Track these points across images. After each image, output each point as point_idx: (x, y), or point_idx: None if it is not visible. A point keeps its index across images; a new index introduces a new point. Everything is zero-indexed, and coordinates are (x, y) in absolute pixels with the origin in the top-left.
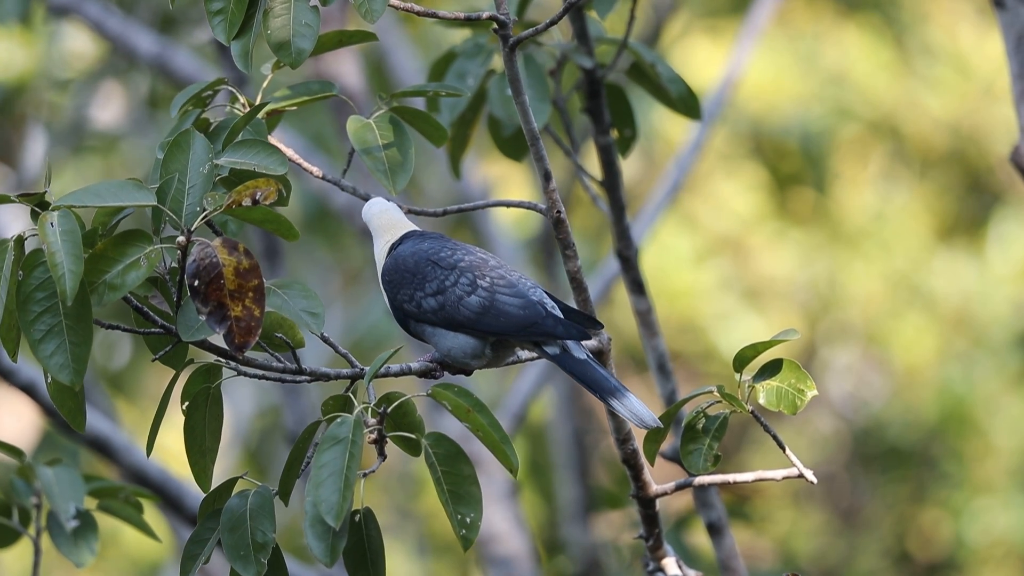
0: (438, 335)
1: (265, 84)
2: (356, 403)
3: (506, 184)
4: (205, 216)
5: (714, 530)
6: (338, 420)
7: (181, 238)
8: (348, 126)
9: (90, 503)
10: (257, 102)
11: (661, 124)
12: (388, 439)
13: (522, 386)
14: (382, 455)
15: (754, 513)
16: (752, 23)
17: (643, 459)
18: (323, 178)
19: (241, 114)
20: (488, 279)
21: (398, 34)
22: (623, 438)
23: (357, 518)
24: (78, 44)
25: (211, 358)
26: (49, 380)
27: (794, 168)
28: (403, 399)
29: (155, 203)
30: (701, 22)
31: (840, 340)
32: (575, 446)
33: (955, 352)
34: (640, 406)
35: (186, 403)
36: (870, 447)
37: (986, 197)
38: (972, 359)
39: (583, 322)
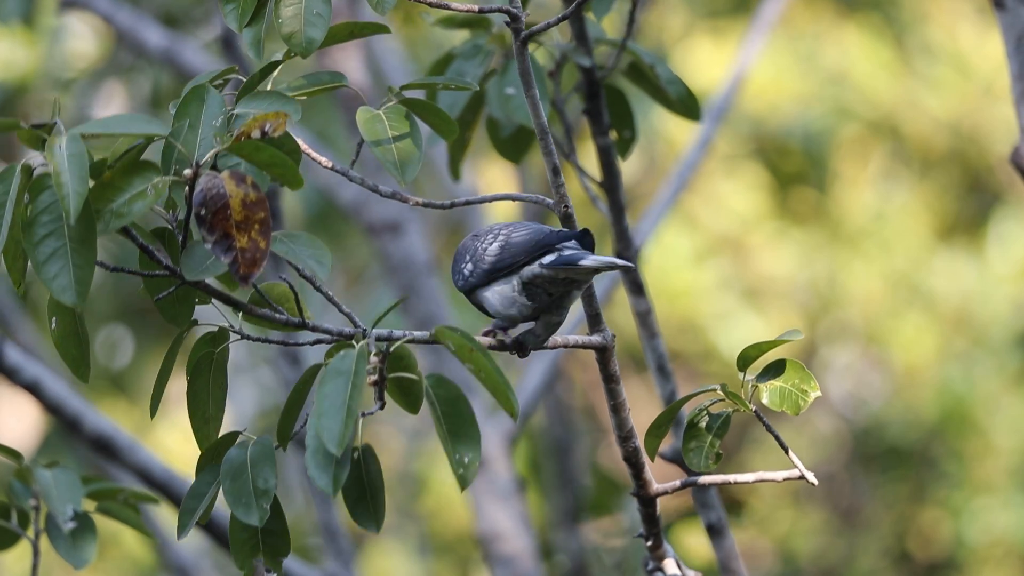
0: (482, 295)
1: (275, 74)
2: (357, 345)
3: (495, 189)
4: (215, 152)
5: (714, 531)
6: (341, 354)
7: (188, 171)
8: (358, 117)
9: (90, 505)
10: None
11: (663, 125)
12: (388, 384)
13: (526, 386)
14: (381, 399)
15: (749, 516)
16: (760, 22)
17: (644, 457)
18: (332, 168)
19: None
20: (508, 228)
21: (389, 40)
22: (625, 435)
23: (356, 455)
24: (81, 44)
25: (216, 327)
26: (54, 326)
27: (794, 168)
28: (404, 339)
29: (166, 134)
30: (703, 23)
31: (840, 340)
32: (558, 454)
33: (955, 352)
34: (604, 257)
35: (189, 369)
36: (870, 447)
37: (986, 197)
38: (972, 359)
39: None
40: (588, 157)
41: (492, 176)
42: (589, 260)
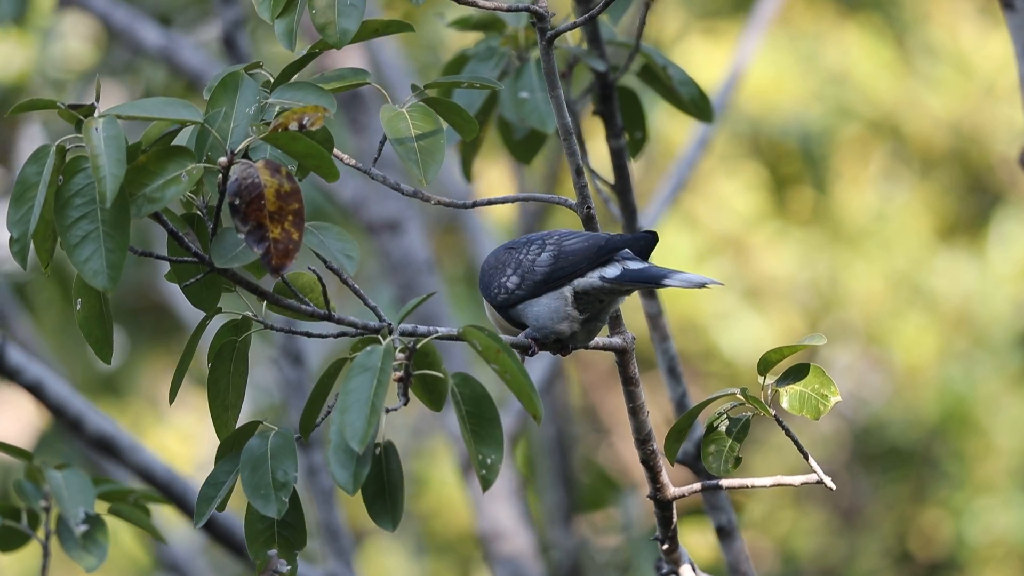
0: (527, 308)
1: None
2: (383, 340)
3: (491, 192)
4: (250, 140)
5: (724, 533)
6: (367, 349)
7: (223, 159)
8: (381, 115)
9: (100, 507)
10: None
11: (662, 125)
12: (412, 381)
13: None
14: (405, 395)
15: (747, 519)
16: (757, 18)
17: (661, 460)
18: (354, 166)
19: None
20: (555, 237)
21: (388, 40)
22: (643, 438)
23: (378, 451)
24: (75, 44)
25: (239, 314)
26: (79, 307)
27: (795, 168)
28: (430, 336)
29: (201, 120)
30: (699, 24)
31: (841, 339)
32: (556, 450)
33: (956, 352)
34: (692, 275)
35: (211, 356)
36: (870, 447)
37: (987, 197)
38: (973, 359)
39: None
40: (595, 159)
41: (490, 178)
42: (675, 280)
